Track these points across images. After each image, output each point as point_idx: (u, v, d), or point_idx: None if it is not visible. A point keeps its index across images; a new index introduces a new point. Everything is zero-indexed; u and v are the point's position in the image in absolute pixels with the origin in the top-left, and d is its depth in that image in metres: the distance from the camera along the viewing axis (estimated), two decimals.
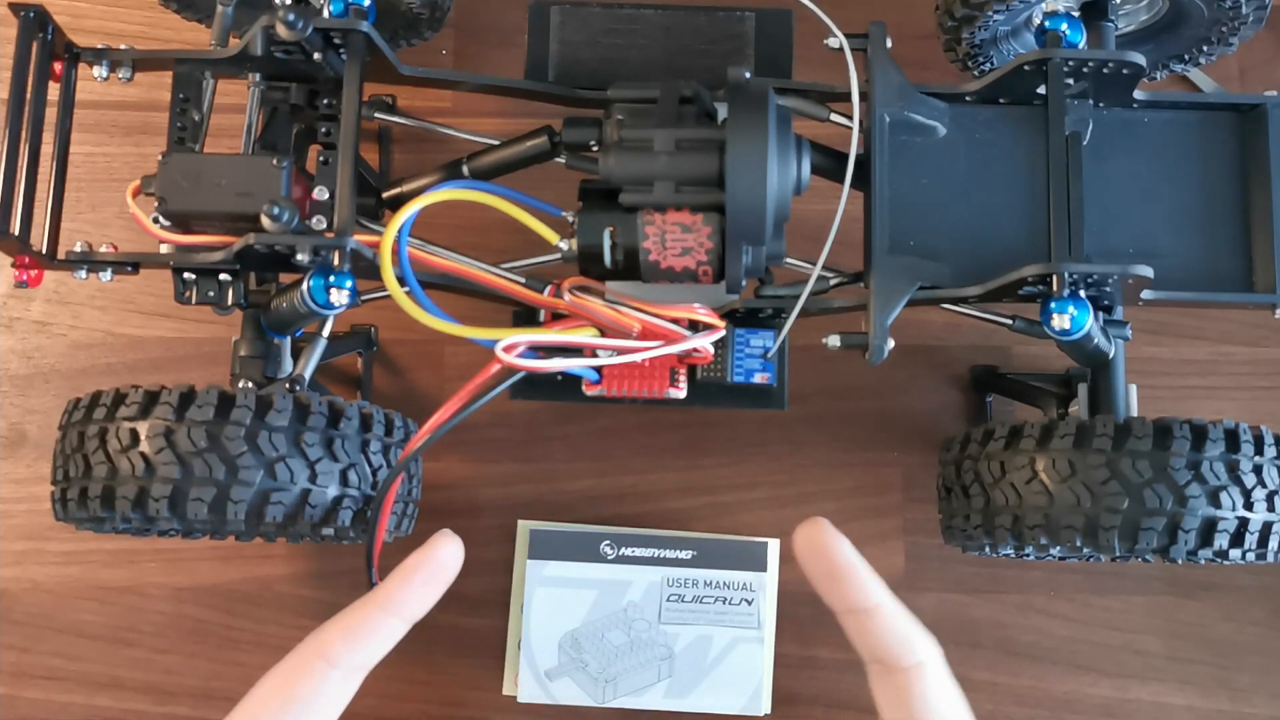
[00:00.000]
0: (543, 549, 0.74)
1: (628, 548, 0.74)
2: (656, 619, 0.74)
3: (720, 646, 0.73)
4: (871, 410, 0.80)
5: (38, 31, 0.64)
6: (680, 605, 0.74)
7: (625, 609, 0.73)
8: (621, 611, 0.73)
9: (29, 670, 0.76)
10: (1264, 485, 0.60)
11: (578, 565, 0.74)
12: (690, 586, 0.74)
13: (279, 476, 0.58)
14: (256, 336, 0.67)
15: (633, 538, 0.74)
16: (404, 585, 0.59)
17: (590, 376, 0.67)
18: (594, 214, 0.62)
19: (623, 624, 0.73)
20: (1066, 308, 0.61)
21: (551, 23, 0.70)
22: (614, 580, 0.74)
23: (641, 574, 0.74)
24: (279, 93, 0.67)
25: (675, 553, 0.74)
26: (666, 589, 0.74)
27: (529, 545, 0.74)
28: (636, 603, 0.73)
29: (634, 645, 0.73)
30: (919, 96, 0.66)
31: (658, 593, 0.74)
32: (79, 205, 0.81)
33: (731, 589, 0.74)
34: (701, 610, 0.74)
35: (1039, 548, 0.62)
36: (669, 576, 0.74)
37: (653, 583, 0.74)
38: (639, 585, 0.74)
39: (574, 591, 0.74)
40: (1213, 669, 0.77)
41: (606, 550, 0.74)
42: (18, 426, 0.79)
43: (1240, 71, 0.84)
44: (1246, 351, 0.81)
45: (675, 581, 0.74)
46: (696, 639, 0.74)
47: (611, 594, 0.74)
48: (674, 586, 0.74)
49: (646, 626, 0.73)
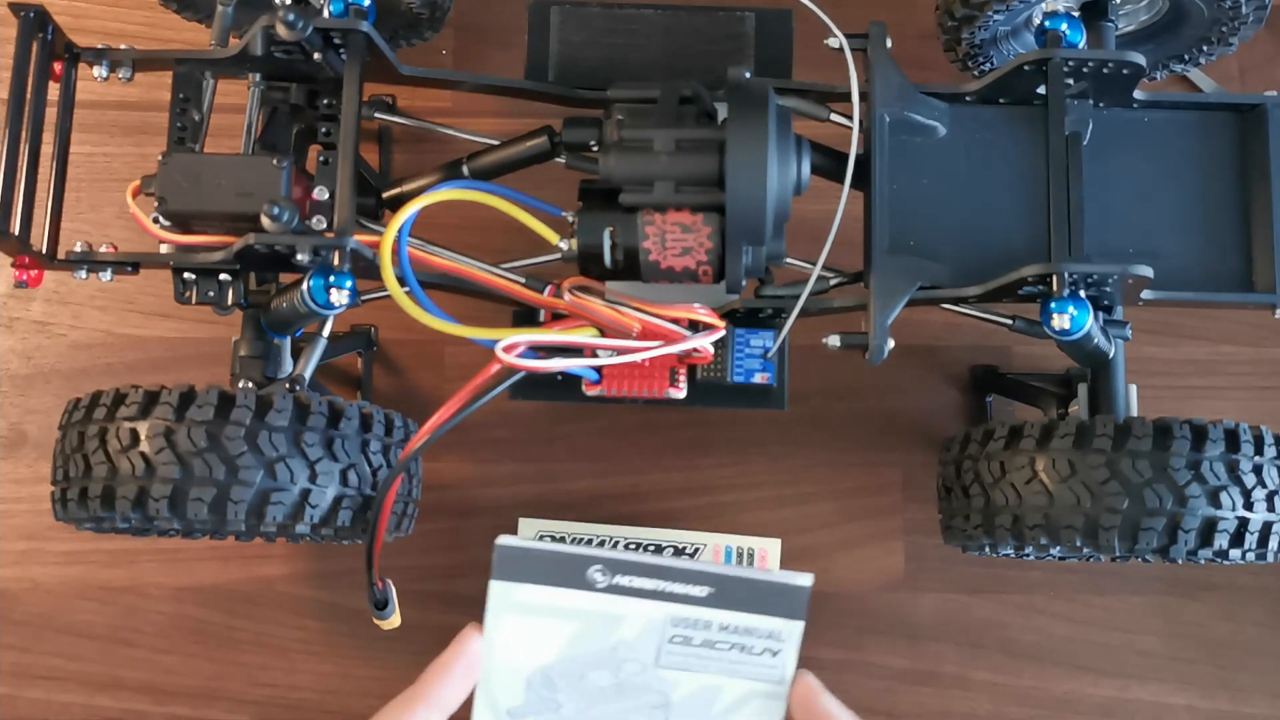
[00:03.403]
0: (513, 569, 0.58)
1: (624, 576, 0.58)
2: (653, 661, 0.59)
3: (729, 700, 0.59)
4: (871, 410, 0.80)
5: (38, 31, 0.64)
6: (686, 648, 0.59)
7: (614, 648, 0.59)
8: (609, 650, 0.59)
9: (29, 670, 0.76)
10: (1264, 485, 0.60)
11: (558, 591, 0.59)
12: (702, 629, 0.59)
13: (279, 476, 0.58)
14: (256, 336, 0.67)
15: (632, 565, 0.58)
16: (444, 681, 0.58)
17: (590, 376, 0.67)
18: (594, 214, 0.62)
19: (610, 664, 0.59)
20: (1066, 308, 0.61)
21: (551, 23, 0.70)
22: (602, 613, 0.58)
23: (639, 608, 0.59)
24: (279, 93, 0.67)
25: (687, 588, 0.58)
26: (670, 629, 0.59)
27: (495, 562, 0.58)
28: (629, 641, 0.59)
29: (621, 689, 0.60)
30: (919, 96, 0.66)
31: (658, 632, 0.59)
32: (79, 205, 0.81)
33: (754, 636, 0.58)
34: (712, 656, 0.59)
35: (1039, 548, 0.62)
36: (674, 615, 0.58)
37: (653, 620, 0.59)
38: (634, 622, 0.59)
39: (550, 622, 0.59)
40: (1213, 669, 0.77)
41: (596, 577, 0.58)
42: (18, 426, 0.79)
43: (1240, 71, 0.84)
44: (1246, 351, 0.81)
45: (682, 621, 0.59)
46: (701, 689, 0.59)
47: (598, 629, 0.59)
48: (680, 627, 0.59)
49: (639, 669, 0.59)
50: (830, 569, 0.78)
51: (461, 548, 0.78)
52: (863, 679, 0.77)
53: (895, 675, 0.77)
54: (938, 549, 0.75)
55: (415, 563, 0.76)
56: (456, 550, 0.78)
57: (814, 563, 0.78)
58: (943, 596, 0.78)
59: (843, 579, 0.78)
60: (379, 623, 0.67)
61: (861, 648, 0.77)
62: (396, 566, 0.73)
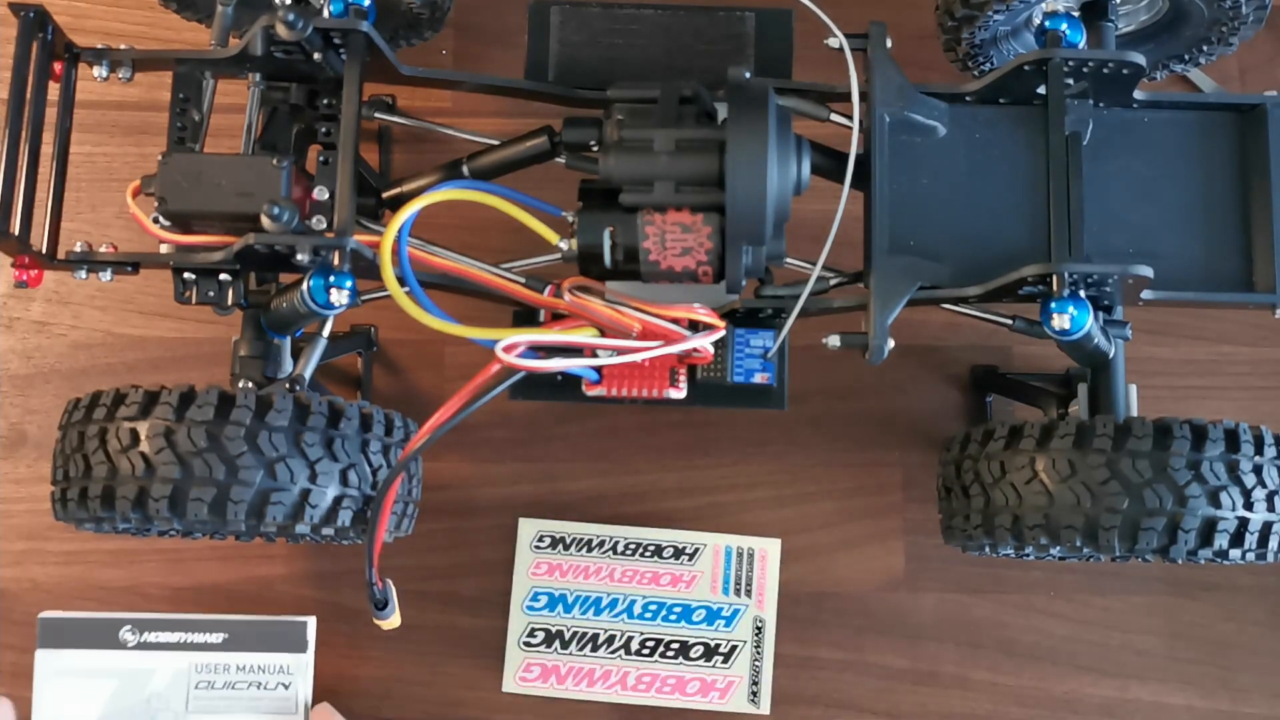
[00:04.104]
0: (55, 638, 0.68)
1: (150, 633, 0.68)
2: (184, 709, 0.68)
3: None
4: (871, 410, 0.80)
5: (38, 31, 0.64)
6: (210, 693, 0.68)
7: (148, 700, 0.68)
8: (144, 703, 0.68)
9: (29, 670, 0.76)
10: (1264, 485, 0.60)
11: (94, 654, 0.68)
12: (221, 672, 0.68)
13: (279, 476, 0.58)
14: (256, 336, 0.67)
15: (156, 623, 0.69)
16: None
17: (590, 376, 0.67)
18: (594, 214, 0.62)
19: (145, 717, 0.68)
20: (1066, 308, 0.61)
21: (551, 23, 0.70)
22: (135, 669, 0.68)
23: (167, 660, 0.68)
24: (279, 93, 0.67)
25: (205, 636, 0.69)
26: (195, 675, 0.68)
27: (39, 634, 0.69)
28: (160, 693, 0.68)
29: None
30: (919, 96, 0.66)
31: (185, 680, 0.68)
32: (79, 205, 0.81)
33: (266, 673, 0.69)
34: (234, 697, 0.68)
35: (1039, 548, 0.62)
36: (197, 663, 0.68)
37: (179, 670, 0.68)
38: (164, 673, 0.68)
39: (91, 682, 0.68)
40: (1213, 669, 0.77)
41: (127, 637, 0.68)
42: (18, 426, 0.79)
43: (1240, 71, 0.84)
44: (1246, 351, 0.81)
45: (204, 668, 0.68)
46: None
47: (133, 684, 0.68)
48: (203, 673, 0.68)
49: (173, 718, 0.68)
50: (830, 569, 0.78)
51: (461, 548, 0.78)
52: (863, 679, 0.77)
53: (895, 675, 0.77)
54: (938, 549, 0.75)
55: (415, 563, 0.76)
56: (456, 550, 0.78)
57: (814, 562, 0.78)
58: (943, 596, 0.78)
59: (843, 579, 0.78)
60: (379, 623, 0.67)
61: (861, 648, 0.77)
62: (396, 566, 0.73)
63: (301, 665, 0.69)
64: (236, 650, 0.69)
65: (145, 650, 0.69)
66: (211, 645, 0.69)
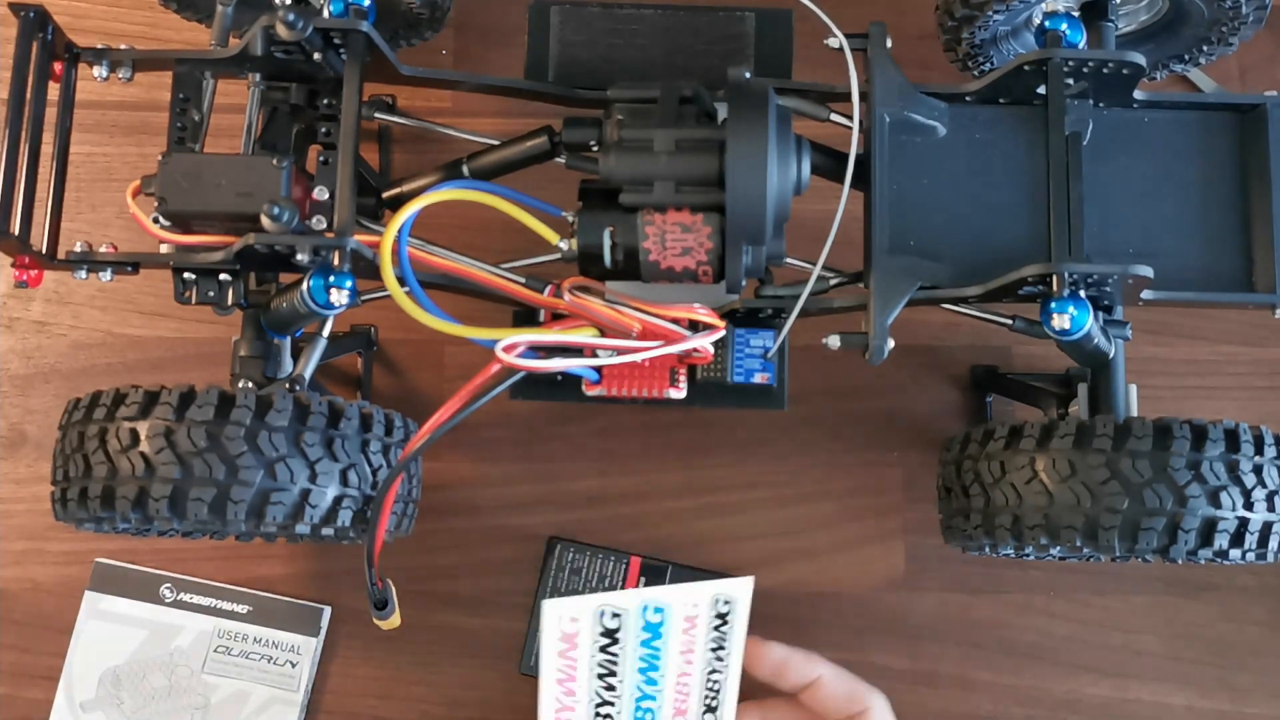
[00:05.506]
0: (104, 583, 0.75)
1: (186, 594, 0.74)
2: (200, 668, 0.74)
3: (255, 704, 0.74)
4: (871, 410, 0.80)
5: (38, 31, 0.64)
6: (226, 658, 0.74)
7: (171, 653, 0.74)
8: (168, 655, 0.74)
9: (29, 670, 0.76)
10: (1264, 485, 0.60)
11: (135, 604, 0.75)
12: (239, 640, 0.74)
13: (279, 476, 0.58)
14: (256, 336, 0.67)
15: (193, 585, 0.75)
16: None
17: (590, 376, 0.67)
18: (594, 214, 0.62)
19: (166, 668, 0.73)
20: (1066, 308, 0.61)
21: (551, 23, 0.70)
22: (166, 623, 0.74)
23: (195, 621, 0.74)
24: (279, 93, 0.67)
25: (232, 605, 0.75)
26: (216, 639, 0.74)
27: (91, 576, 0.75)
28: (184, 649, 0.74)
29: (173, 690, 0.74)
30: (919, 96, 0.66)
31: (206, 642, 0.74)
32: (79, 205, 0.81)
33: (279, 649, 0.74)
34: (246, 666, 0.74)
35: (1039, 548, 0.62)
36: (220, 628, 0.74)
37: (204, 631, 0.74)
38: (190, 632, 0.74)
39: (125, 629, 0.74)
40: (1213, 669, 0.77)
41: (166, 593, 0.75)
42: (18, 426, 0.79)
43: (1240, 71, 0.84)
44: (1246, 351, 0.81)
45: (225, 634, 0.74)
46: (234, 693, 0.74)
47: (161, 636, 0.74)
48: (224, 639, 0.74)
49: (189, 674, 0.74)
50: (830, 569, 0.78)
51: (461, 548, 0.78)
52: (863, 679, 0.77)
53: (895, 675, 0.77)
54: (938, 549, 0.75)
55: (415, 563, 0.76)
56: (456, 550, 0.78)
57: (814, 562, 0.78)
58: (943, 596, 0.78)
59: (843, 579, 0.78)
60: (379, 623, 0.67)
61: (861, 648, 0.77)
62: (396, 566, 0.73)
63: (310, 648, 0.74)
64: (257, 624, 0.75)
65: (178, 609, 0.75)
66: (237, 615, 0.75)
